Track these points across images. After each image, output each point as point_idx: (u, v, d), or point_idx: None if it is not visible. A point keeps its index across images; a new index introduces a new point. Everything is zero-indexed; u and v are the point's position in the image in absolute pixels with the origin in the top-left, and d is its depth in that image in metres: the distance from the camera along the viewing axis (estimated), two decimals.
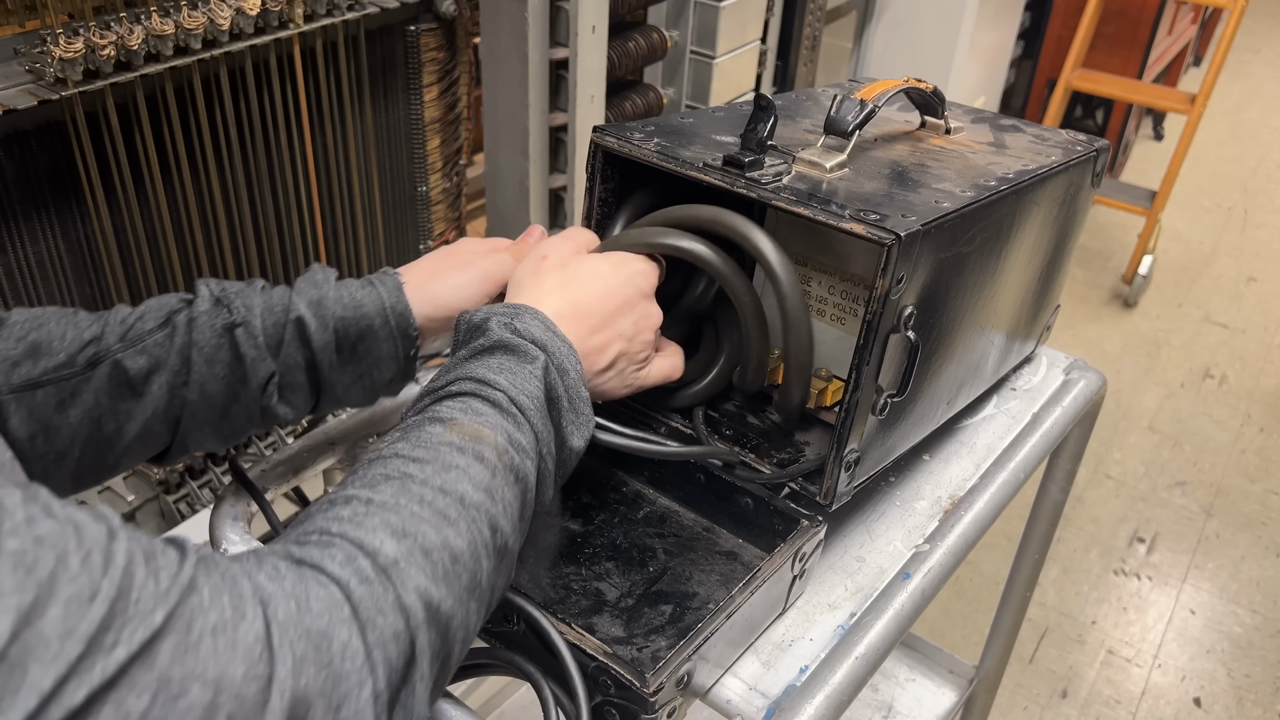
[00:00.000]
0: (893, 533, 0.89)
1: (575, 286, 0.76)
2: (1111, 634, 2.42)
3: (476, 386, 0.66)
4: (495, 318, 0.71)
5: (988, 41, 3.32)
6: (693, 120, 0.92)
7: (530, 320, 0.71)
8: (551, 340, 0.71)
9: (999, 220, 0.85)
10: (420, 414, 0.65)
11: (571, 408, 0.70)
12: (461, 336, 0.72)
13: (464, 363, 0.69)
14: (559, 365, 0.70)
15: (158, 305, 0.76)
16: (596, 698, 0.68)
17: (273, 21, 1.40)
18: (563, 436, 0.70)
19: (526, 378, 0.67)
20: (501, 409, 0.65)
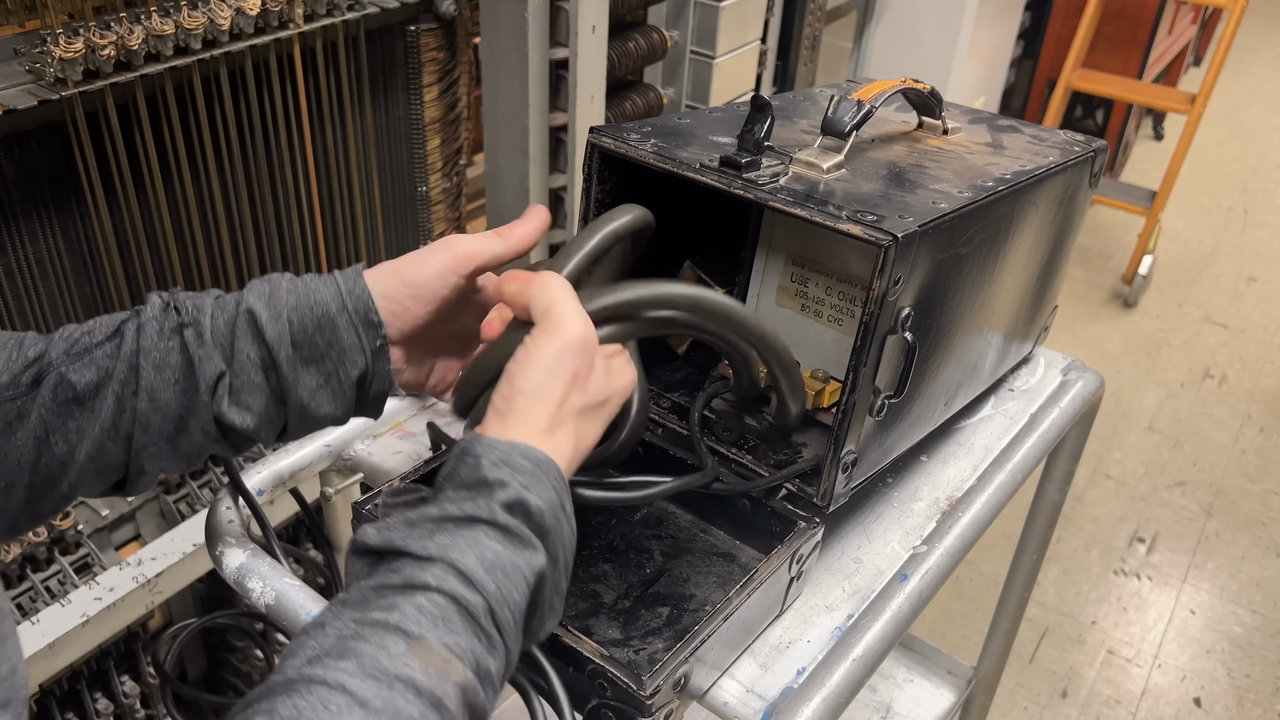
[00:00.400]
0: (890, 534, 0.89)
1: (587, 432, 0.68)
2: (1111, 634, 2.42)
3: (459, 588, 0.56)
4: (513, 482, 0.60)
5: (988, 41, 3.32)
6: (690, 121, 0.92)
7: (546, 492, 0.61)
8: (558, 525, 0.62)
9: (996, 221, 0.85)
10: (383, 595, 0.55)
11: (549, 604, 0.62)
12: (462, 474, 0.62)
13: (453, 530, 0.58)
14: (554, 555, 0.62)
15: (108, 320, 0.71)
16: (593, 700, 0.68)
17: (273, 21, 1.40)
18: (528, 636, 0.62)
19: (517, 582, 0.58)
20: (478, 624, 0.56)
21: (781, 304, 0.97)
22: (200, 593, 1.62)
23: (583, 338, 0.66)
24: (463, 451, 0.62)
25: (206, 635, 1.76)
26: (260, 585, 0.81)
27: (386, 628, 0.53)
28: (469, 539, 0.57)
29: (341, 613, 0.54)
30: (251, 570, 0.82)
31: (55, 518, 1.39)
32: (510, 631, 0.57)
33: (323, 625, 0.53)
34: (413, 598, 0.55)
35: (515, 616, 0.58)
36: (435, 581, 0.55)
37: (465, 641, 0.55)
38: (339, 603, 0.56)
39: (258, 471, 0.92)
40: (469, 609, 0.55)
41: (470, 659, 0.55)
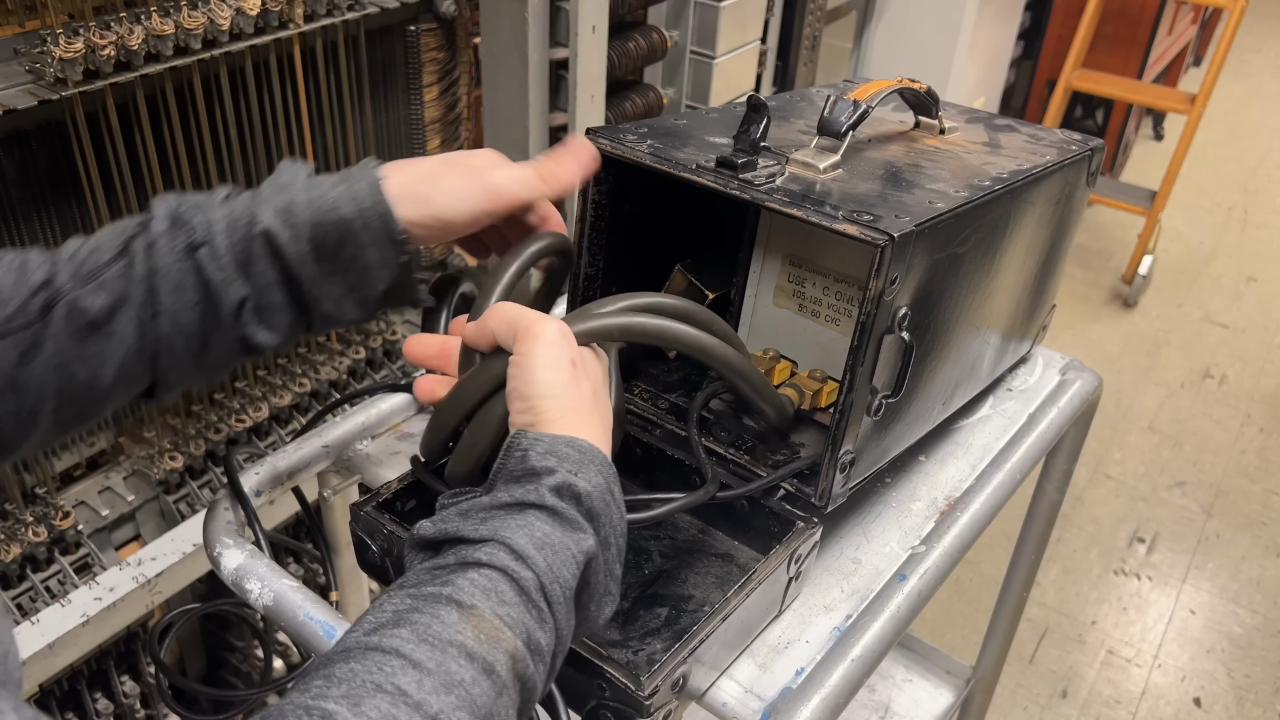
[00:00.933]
0: (889, 534, 0.89)
1: (602, 407, 0.68)
2: (1111, 634, 2.42)
3: (510, 562, 0.57)
4: (560, 469, 0.61)
5: (988, 41, 3.32)
6: (686, 122, 0.92)
7: (594, 477, 0.62)
8: (607, 510, 0.63)
9: (993, 220, 0.86)
10: (438, 574, 0.57)
11: (603, 586, 0.63)
12: (510, 467, 0.62)
13: (504, 515, 0.59)
14: (604, 539, 0.62)
15: (112, 233, 0.68)
16: (591, 701, 0.69)
17: (273, 21, 1.41)
18: (584, 619, 0.63)
19: (566, 561, 0.59)
20: (529, 597, 0.57)
21: (779, 304, 0.97)
22: (200, 593, 1.62)
23: (560, 330, 0.67)
24: (510, 446, 0.63)
25: (206, 635, 1.76)
26: (259, 586, 0.81)
27: (440, 599, 0.55)
28: (520, 521, 0.59)
29: (397, 592, 0.56)
30: (250, 571, 0.82)
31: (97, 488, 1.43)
32: (561, 607, 0.58)
33: (380, 605, 0.55)
34: (466, 573, 0.56)
35: (565, 593, 0.59)
36: (487, 558, 0.57)
37: (516, 613, 0.56)
38: (397, 585, 0.57)
39: (256, 472, 0.92)
40: (520, 583, 0.57)
41: (521, 630, 0.56)
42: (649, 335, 0.73)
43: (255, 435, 1.65)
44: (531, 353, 0.65)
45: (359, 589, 1.09)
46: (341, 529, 1.02)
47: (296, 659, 1.73)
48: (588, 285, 0.92)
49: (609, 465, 0.64)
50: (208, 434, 1.57)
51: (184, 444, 1.55)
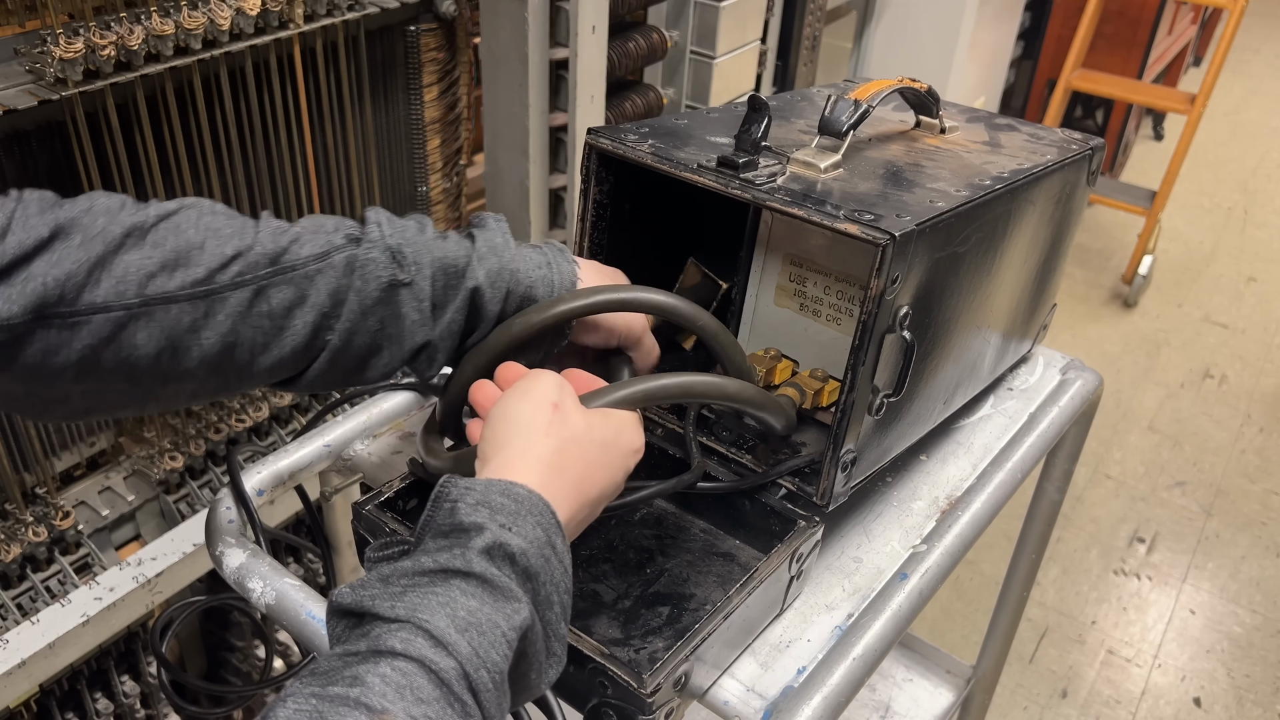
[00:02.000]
0: (890, 533, 0.89)
1: (582, 465, 0.64)
2: (1111, 634, 2.42)
3: (428, 651, 0.50)
4: (490, 524, 0.56)
5: (988, 41, 3.32)
6: (687, 121, 0.92)
7: (530, 531, 0.57)
8: (547, 566, 0.57)
9: (994, 220, 0.86)
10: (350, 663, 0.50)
11: (543, 653, 0.58)
12: (438, 520, 0.58)
13: (426, 586, 0.53)
14: (544, 599, 0.57)
15: (314, 230, 0.68)
16: (593, 699, 0.69)
17: (273, 21, 1.41)
18: (524, 689, 0.58)
19: (496, 641, 0.53)
20: (449, 691, 0.50)
21: (780, 303, 0.97)
22: (200, 593, 1.62)
23: (554, 376, 0.65)
24: (437, 497, 0.58)
25: (207, 635, 1.76)
26: (260, 585, 0.81)
27: (347, 703, 0.48)
28: (442, 596, 0.53)
29: (306, 686, 0.49)
30: (252, 570, 0.82)
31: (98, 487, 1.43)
32: (490, 694, 0.52)
33: (285, 700, 0.49)
34: (378, 666, 0.50)
35: (495, 678, 0.52)
36: (402, 646, 0.50)
37: (435, 711, 0.49)
38: (309, 673, 0.51)
39: (258, 471, 0.92)
40: (439, 674, 0.50)
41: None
42: (668, 396, 0.73)
43: (255, 435, 1.65)
44: (518, 384, 0.65)
45: None
46: (342, 528, 1.02)
47: (297, 658, 1.73)
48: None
49: (549, 514, 0.59)
50: (208, 434, 1.57)
51: (184, 444, 1.55)
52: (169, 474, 1.53)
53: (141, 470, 1.54)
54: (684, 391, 0.74)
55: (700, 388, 0.74)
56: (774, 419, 0.80)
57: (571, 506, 0.62)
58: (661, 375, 0.73)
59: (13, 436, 1.35)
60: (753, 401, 0.77)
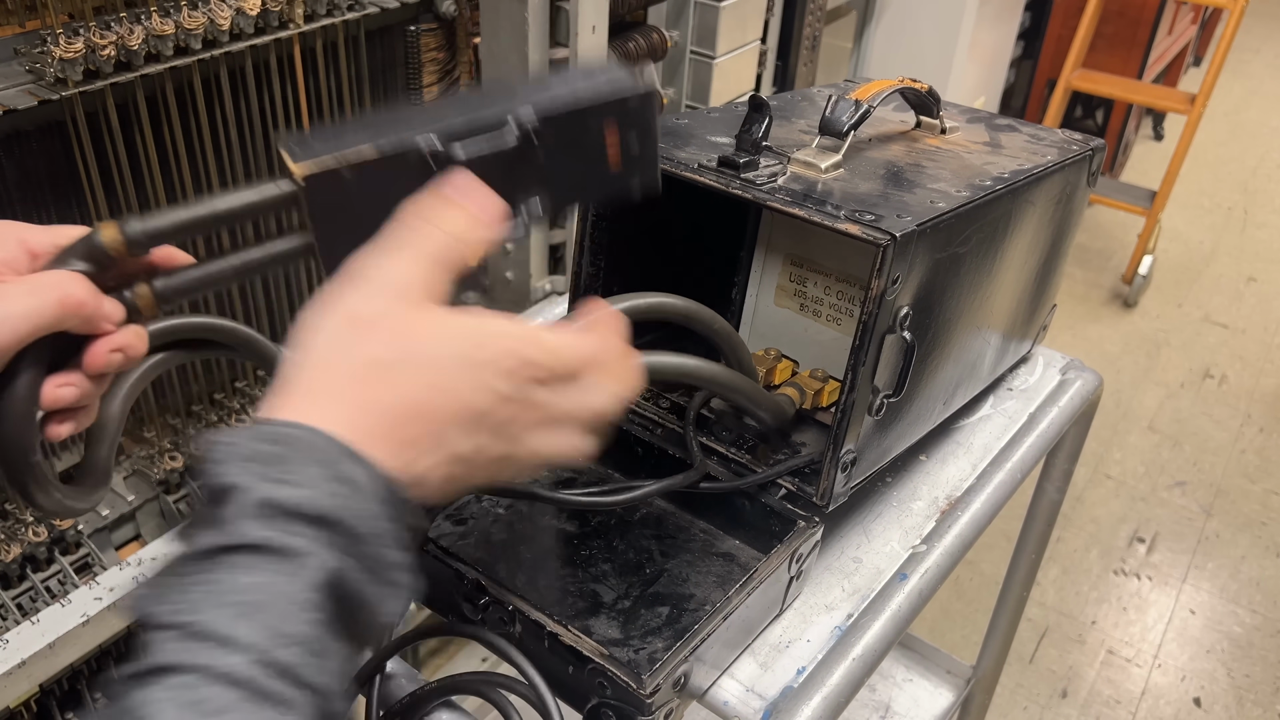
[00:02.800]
0: (890, 533, 0.89)
1: (395, 386, 0.51)
2: (1111, 634, 2.42)
3: (207, 656, 0.42)
4: (255, 482, 0.46)
5: (988, 41, 3.32)
6: (688, 121, 0.92)
7: (306, 471, 0.47)
8: (342, 502, 0.47)
9: (994, 220, 0.86)
10: (131, 686, 0.43)
11: (373, 591, 0.48)
12: (205, 488, 0.48)
13: (196, 577, 0.45)
14: (352, 536, 0.47)
15: None
16: (593, 700, 0.69)
17: (273, 21, 1.40)
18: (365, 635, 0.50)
19: (289, 612, 0.45)
20: (249, 687, 0.43)
21: (780, 303, 0.97)
22: None
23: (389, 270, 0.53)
24: (200, 461, 0.49)
25: None
26: None
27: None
28: (212, 583, 0.44)
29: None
30: None
31: None
32: (307, 669, 0.44)
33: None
34: (161, 685, 0.42)
35: (308, 648, 0.45)
36: (175, 657, 0.43)
37: (240, 716, 0.42)
38: (104, 702, 0.45)
39: None
40: (229, 675, 0.42)
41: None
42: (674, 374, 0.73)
43: None
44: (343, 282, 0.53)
45: None
46: None
47: None
48: (588, 285, 0.92)
49: (329, 443, 0.48)
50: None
51: (184, 444, 1.55)
52: (169, 474, 1.53)
53: (141, 470, 1.54)
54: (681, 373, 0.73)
55: (670, 368, 0.74)
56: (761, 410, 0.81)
57: (377, 431, 0.50)
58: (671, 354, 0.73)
59: None
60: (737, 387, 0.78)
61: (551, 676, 0.69)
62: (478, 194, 0.56)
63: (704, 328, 0.76)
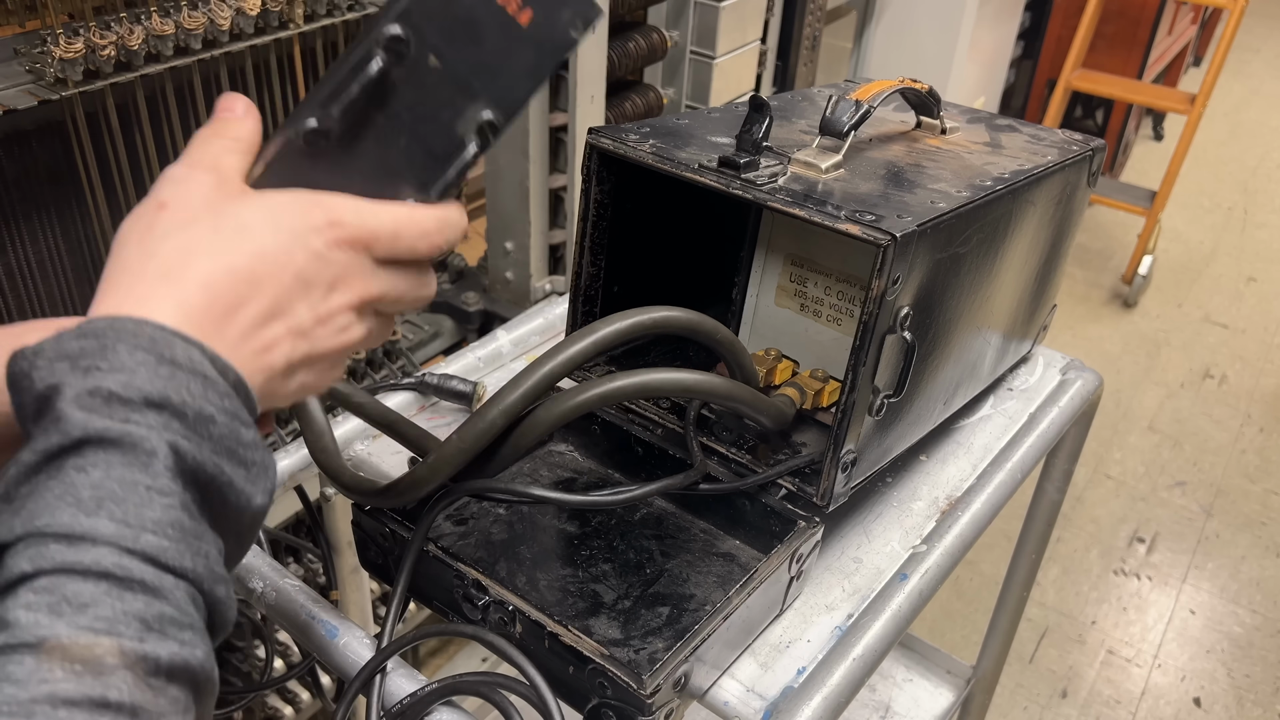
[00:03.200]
0: (890, 534, 0.89)
1: (210, 255, 0.48)
2: (1111, 634, 2.42)
3: (65, 554, 0.41)
4: (72, 377, 0.44)
5: (988, 41, 3.32)
6: (688, 121, 0.92)
7: (128, 356, 0.44)
8: (172, 380, 0.45)
9: (995, 220, 0.86)
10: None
11: (229, 468, 0.47)
12: (23, 403, 0.45)
13: (38, 484, 0.43)
14: (194, 415, 0.45)
15: None
16: (593, 700, 0.69)
17: (273, 22, 1.40)
18: (237, 515, 0.48)
19: (143, 498, 0.43)
20: (115, 579, 0.41)
21: (780, 304, 0.97)
22: None
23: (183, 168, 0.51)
24: (11, 378, 0.46)
25: None
26: (260, 585, 0.81)
27: (2, 652, 0.40)
28: (57, 486, 0.42)
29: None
30: (252, 570, 0.82)
31: None
32: (173, 553, 0.43)
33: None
34: (17, 598, 0.41)
35: (170, 532, 0.43)
36: (31, 564, 0.41)
37: (106, 609, 0.41)
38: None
39: None
40: (93, 570, 0.41)
41: (126, 622, 0.41)
42: (626, 395, 0.72)
43: None
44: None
45: (359, 588, 1.09)
46: (342, 528, 1.02)
47: (297, 658, 1.73)
48: (590, 285, 0.92)
49: (148, 327, 0.45)
50: None
51: None
52: None
53: None
54: (638, 391, 0.72)
55: (662, 384, 0.73)
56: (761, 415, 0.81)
57: (200, 311, 0.48)
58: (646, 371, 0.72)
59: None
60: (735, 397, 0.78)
61: (552, 677, 0.69)
62: (226, 100, 0.55)
63: (707, 339, 0.76)
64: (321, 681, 1.45)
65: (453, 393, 1.02)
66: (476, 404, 1.01)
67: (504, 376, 1.10)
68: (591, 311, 0.94)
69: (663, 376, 0.72)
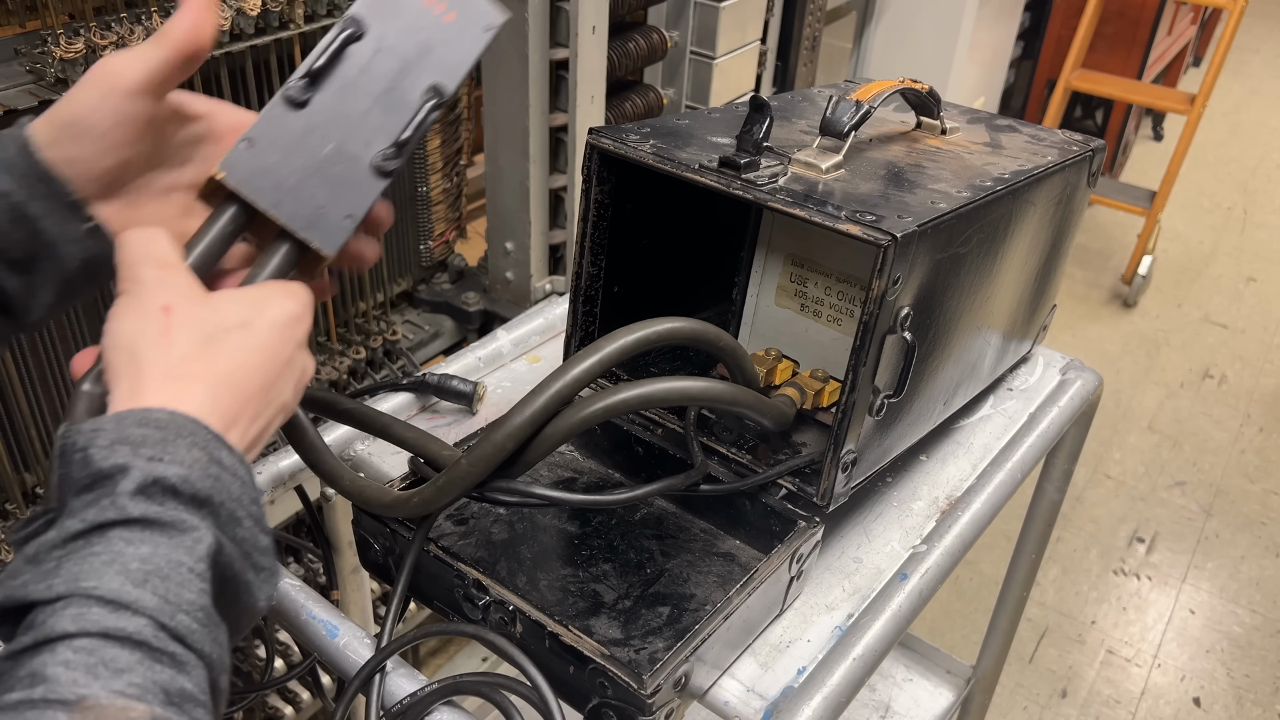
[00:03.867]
0: (890, 533, 0.89)
1: (226, 358, 0.54)
2: (1111, 634, 2.42)
3: (107, 618, 0.44)
4: (136, 461, 0.48)
5: (987, 42, 3.32)
6: (689, 122, 0.92)
7: (186, 453, 0.49)
8: (218, 484, 0.50)
9: (995, 221, 0.86)
10: (21, 664, 0.43)
11: (248, 571, 0.52)
12: (75, 475, 0.49)
13: (82, 550, 0.46)
14: (228, 517, 0.50)
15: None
16: (594, 700, 0.69)
17: (273, 22, 1.40)
18: (241, 614, 0.52)
19: (184, 579, 0.47)
20: (149, 649, 0.45)
21: (780, 304, 0.97)
22: None
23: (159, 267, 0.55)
24: (63, 450, 0.49)
25: None
26: None
27: (35, 705, 0.42)
28: (105, 553, 0.46)
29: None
30: None
31: None
32: (199, 634, 0.47)
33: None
34: (55, 654, 0.43)
35: (199, 616, 0.47)
36: (75, 625, 0.44)
37: (140, 676, 0.44)
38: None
39: (258, 472, 0.92)
40: (131, 637, 0.44)
41: (155, 692, 0.44)
42: (630, 407, 0.72)
43: None
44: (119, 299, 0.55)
45: (359, 588, 1.09)
46: (343, 529, 1.02)
47: (297, 658, 1.73)
48: (590, 285, 0.92)
49: (201, 430, 0.51)
50: None
51: None
52: None
53: None
54: (639, 403, 0.72)
55: (664, 394, 0.73)
56: (763, 417, 0.81)
57: (229, 410, 0.53)
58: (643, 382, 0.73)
59: (13, 436, 1.35)
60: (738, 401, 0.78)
61: (552, 676, 0.69)
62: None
63: (710, 346, 0.76)
64: (322, 681, 1.45)
65: (453, 393, 1.02)
66: (477, 404, 1.02)
67: (504, 376, 1.10)
68: (592, 311, 0.94)
69: (667, 386, 0.72)
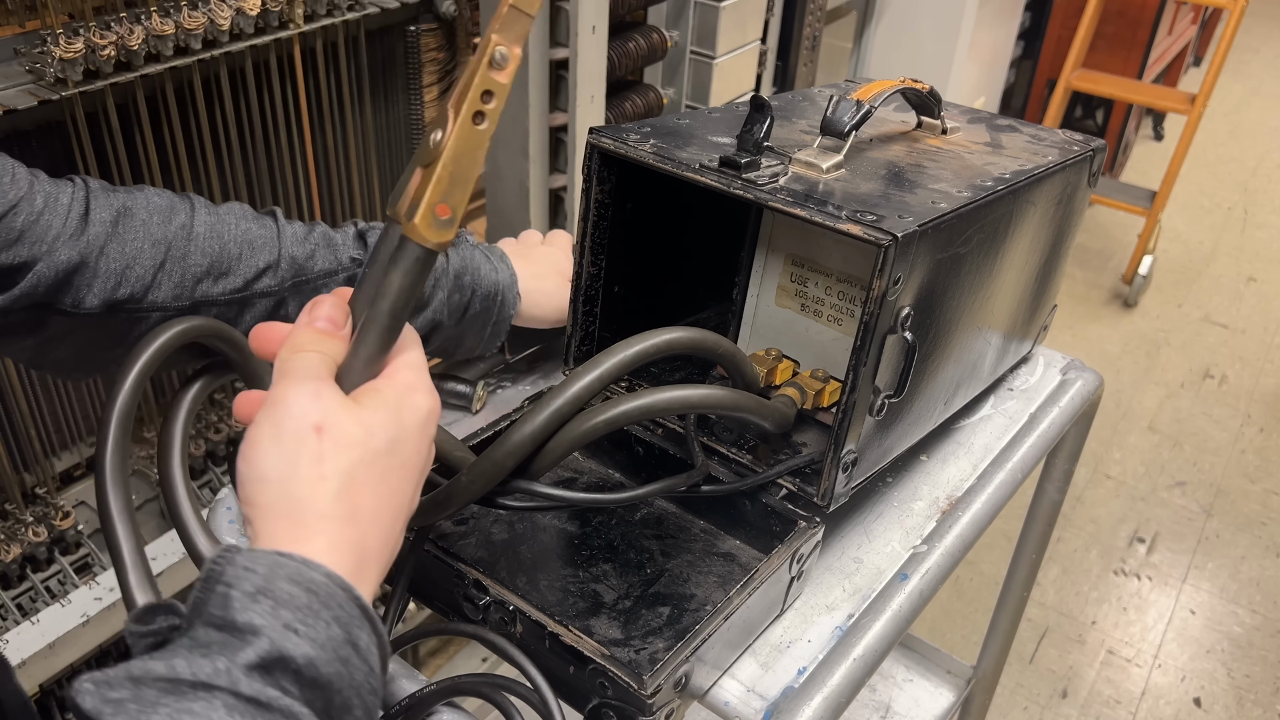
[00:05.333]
0: (890, 534, 0.89)
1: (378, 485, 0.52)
2: (1111, 634, 2.42)
3: None
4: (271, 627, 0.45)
5: (988, 41, 3.32)
6: (689, 121, 0.92)
7: (323, 631, 0.47)
8: (344, 671, 0.47)
9: (995, 221, 0.86)
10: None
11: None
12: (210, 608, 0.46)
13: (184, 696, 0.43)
14: (340, 706, 0.47)
15: (327, 243, 0.80)
16: (594, 700, 0.68)
17: (273, 21, 1.40)
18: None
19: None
20: None
21: (781, 304, 0.97)
22: None
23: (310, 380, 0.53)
24: (209, 575, 0.47)
25: None
26: None
27: None
28: (202, 716, 0.42)
29: None
30: None
31: None
32: None
33: None
34: None
35: None
36: None
37: None
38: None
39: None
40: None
41: None
42: (631, 418, 0.72)
43: None
44: (259, 418, 0.52)
45: None
46: None
47: None
48: (590, 285, 0.92)
49: (351, 605, 0.48)
50: (208, 434, 1.57)
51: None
52: None
53: (141, 470, 1.53)
54: (639, 415, 0.72)
55: (664, 404, 0.73)
56: (764, 420, 0.81)
57: (378, 548, 0.52)
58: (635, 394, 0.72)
59: (13, 437, 1.35)
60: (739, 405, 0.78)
61: (552, 677, 0.69)
62: (323, 308, 0.58)
63: (710, 354, 0.76)
64: None
65: (452, 393, 1.02)
66: (475, 404, 1.01)
67: (503, 377, 1.10)
68: (592, 311, 0.94)
69: (667, 396, 0.72)
